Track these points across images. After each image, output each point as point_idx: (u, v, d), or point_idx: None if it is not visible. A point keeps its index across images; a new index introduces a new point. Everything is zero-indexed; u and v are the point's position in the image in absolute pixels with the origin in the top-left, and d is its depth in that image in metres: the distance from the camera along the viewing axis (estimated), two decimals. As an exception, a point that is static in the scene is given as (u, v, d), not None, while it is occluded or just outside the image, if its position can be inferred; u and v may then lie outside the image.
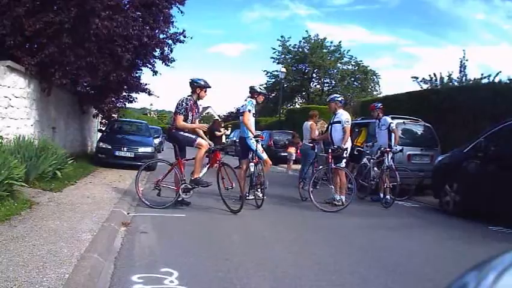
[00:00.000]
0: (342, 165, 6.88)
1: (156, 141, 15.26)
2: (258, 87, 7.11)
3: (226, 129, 16.20)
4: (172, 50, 10.83)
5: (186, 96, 6.02)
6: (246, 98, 6.98)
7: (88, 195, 6.06)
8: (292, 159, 13.39)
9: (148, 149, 11.19)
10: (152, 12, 9.80)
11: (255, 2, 76.36)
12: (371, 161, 7.76)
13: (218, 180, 5.92)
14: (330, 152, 6.78)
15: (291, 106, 32.51)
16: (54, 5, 8.05)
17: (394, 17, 63.30)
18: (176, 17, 10.54)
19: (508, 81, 11.61)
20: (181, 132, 5.89)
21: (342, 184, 6.81)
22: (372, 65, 48.40)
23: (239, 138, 7.42)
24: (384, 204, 7.18)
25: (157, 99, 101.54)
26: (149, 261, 3.39)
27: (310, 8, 68.60)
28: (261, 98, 7.04)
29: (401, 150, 7.74)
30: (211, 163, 6.03)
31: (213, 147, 6.11)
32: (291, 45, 31.88)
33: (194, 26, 75.82)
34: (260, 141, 6.84)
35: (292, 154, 13.33)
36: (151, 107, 54.11)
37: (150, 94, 12.37)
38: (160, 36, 10.37)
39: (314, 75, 32.89)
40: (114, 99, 12.61)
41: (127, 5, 9.05)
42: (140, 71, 12.07)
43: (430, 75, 17.32)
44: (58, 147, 7.65)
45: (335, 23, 70.44)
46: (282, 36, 32.32)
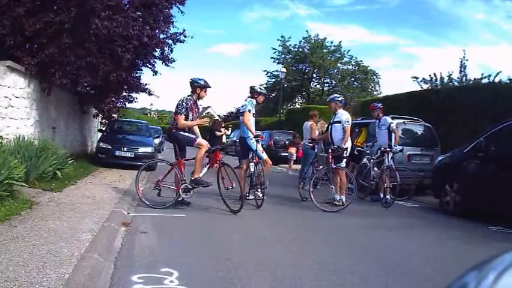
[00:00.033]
0: (343, 165, 6.89)
1: (156, 141, 15.26)
2: (258, 87, 7.11)
3: (227, 129, 16.22)
4: (172, 50, 10.85)
5: (186, 96, 6.03)
6: (246, 98, 6.98)
7: (88, 195, 6.06)
8: (293, 159, 13.41)
9: (148, 149, 11.19)
10: (152, 12, 9.80)
11: (255, 2, 76.47)
12: (371, 161, 7.76)
13: (218, 180, 5.92)
14: (330, 151, 6.79)
15: (291, 106, 32.49)
16: (54, 5, 8.05)
17: (394, 17, 63.39)
18: (177, 17, 10.58)
19: (508, 81, 11.63)
20: (181, 132, 5.90)
21: (342, 184, 6.81)
22: (372, 65, 48.40)
23: (239, 138, 7.42)
24: (384, 204, 7.18)
25: (157, 99, 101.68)
26: (150, 261, 3.39)
27: (310, 8, 68.71)
28: (261, 98, 7.04)
29: (401, 150, 7.74)
30: (211, 163, 6.03)
31: (213, 147, 6.12)
32: (291, 45, 31.91)
33: (194, 26, 76.08)
34: (260, 141, 6.85)
35: (293, 154, 13.35)
36: (151, 107, 54.18)
37: (150, 94, 12.38)
38: (160, 36, 10.38)
39: (314, 75, 32.87)
40: (114, 99, 12.61)
41: (127, 5, 9.04)
42: (141, 71, 12.09)
43: (430, 75, 17.36)
44: (58, 147, 7.65)
45: (335, 23, 70.56)
46: (282, 36, 32.36)
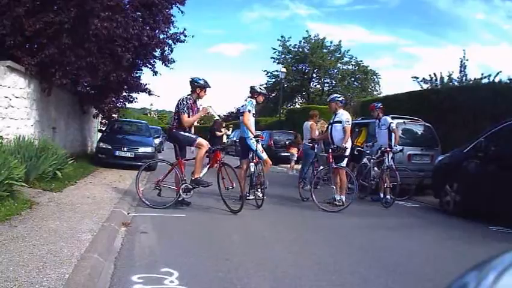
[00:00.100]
0: (343, 165, 6.89)
1: (156, 141, 15.26)
2: (258, 87, 7.10)
3: (228, 130, 16.23)
4: (173, 50, 10.86)
5: (186, 96, 6.03)
6: (246, 98, 6.98)
7: (88, 195, 6.06)
8: (294, 159, 13.44)
9: (148, 149, 11.19)
10: (152, 12, 9.81)
11: (255, 2, 76.38)
12: (371, 161, 7.76)
13: (218, 180, 5.92)
14: (330, 151, 6.79)
15: (291, 106, 32.50)
16: (54, 5, 8.05)
17: (394, 17, 63.27)
18: (177, 17, 10.58)
19: (508, 81, 11.63)
20: (181, 132, 5.89)
21: (342, 184, 6.81)
22: (372, 65, 48.23)
23: (239, 138, 7.42)
24: (384, 204, 7.18)
25: (157, 99, 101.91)
26: (150, 261, 3.39)
27: (310, 8, 68.61)
28: (261, 98, 7.04)
29: (401, 150, 7.74)
30: (211, 163, 6.03)
31: (213, 147, 6.12)
32: (291, 45, 31.91)
33: (194, 26, 75.97)
34: (260, 141, 6.85)
35: (294, 154, 13.39)
36: (151, 107, 54.26)
37: (150, 94, 12.37)
38: (160, 36, 10.38)
39: (314, 75, 32.87)
40: (114, 99, 12.60)
41: (127, 5, 9.04)
42: (141, 71, 12.10)
43: (430, 75, 17.38)
44: (58, 147, 7.65)
45: (335, 23, 70.42)
46: (282, 36, 32.35)
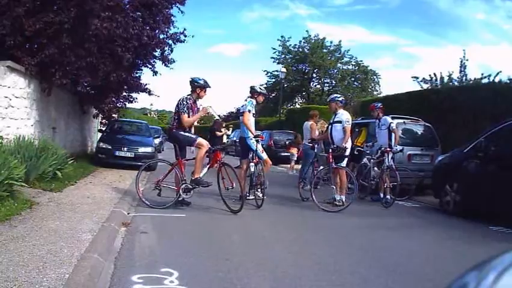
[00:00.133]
0: (343, 165, 6.89)
1: (156, 141, 15.26)
2: (258, 87, 7.10)
3: (228, 130, 16.24)
4: (173, 50, 10.86)
5: (186, 96, 6.03)
6: (246, 98, 6.98)
7: (88, 195, 6.06)
8: (294, 159, 13.45)
9: (148, 149, 11.19)
10: (152, 12, 9.80)
11: (255, 2, 76.35)
12: (371, 161, 7.76)
13: (218, 180, 5.92)
14: (330, 151, 6.79)
15: (291, 106, 32.49)
16: (54, 5, 8.05)
17: (394, 17, 63.21)
18: (177, 17, 10.58)
19: (508, 81, 11.62)
20: (181, 132, 5.89)
21: (342, 184, 6.81)
22: (372, 65, 48.21)
23: (239, 138, 7.42)
24: (384, 204, 7.18)
25: (157, 99, 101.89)
26: (149, 261, 3.39)
27: (310, 8, 68.58)
28: (261, 98, 7.04)
29: (401, 150, 7.74)
30: (211, 163, 6.03)
31: (214, 147, 6.12)
32: (291, 45, 31.91)
33: (194, 26, 75.93)
34: (260, 141, 6.85)
35: (294, 154, 13.40)
36: (151, 107, 54.25)
37: (150, 94, 12.38)
38: (160, 36, 10.38)
39: (314, 75, 32.87)
40: (114, 99, 12.61)
41: (127, 5, 9.04)
42: (141, 71, 12.10)
43: (430, 75, 17.39)
44: (58, 147, 7.65)
45: (335, 23, 70.38)
46: (282, 36, 32.35)
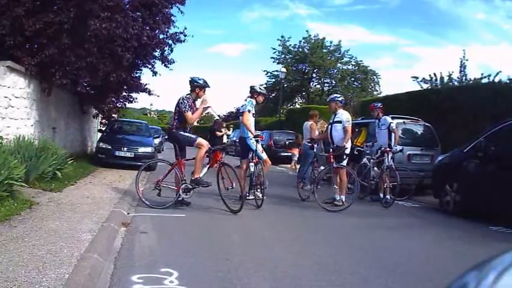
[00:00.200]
0: (344, 164, 6.89)
1: (156, 141, 15.26)
2: (258, 87, 7.10)
3: (228, 130, 16.24)
4: (172, 50, 10.85)
5: (185, 95, 6.03)
6: (245, 98, 6.98)
7: (87, 195, 6.06)
8: (295, 160, 13.48)
9: (148, 149, 11.18)
10: (152, 12, 9.80)
11: (255, 2, 76.40)
12: (371, 160, 7.75)
13: (218, 180, 5.92)
14: (331, 151, 6.78)
15: (291, 106, 32.47)
16: (54, 5, 8.05)
17: (394, 17, 63.25)
18: (177, 17, 10.57)
19: (508, 81, 11.60)
20: (181, 132, 5.90)
21: (342, 183, 6.81)
22: (372, 65, 48.26)
23: (239, 138, 7.42)
24: (384, 204, 7.18)
25: (157, 99, 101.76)
26: (149, 261, 3.39)
27: (310, 8, 68.66)
28: (260, 98, 7.03)
29: (401, 150, 7.74)
30: (211, 163, 6.03)
31: (213, 147, 6.12)
32: (291, 45, 31.89)
33: (194, 26, 75.76)
34: (260, 141, 6.85)
35: (295, 155, 13.43)
36: (151, 107, 54.21)
37: (150, 94, 12.38)
38: (160, 36, 10.37)
39: (314, 75, 32.86)
40: (114, 99, 12.61)
41: (127, 5, 9.04)
42: (140, 71, 12.09)
43: (430, 75, 17.36)
44: (58, 147, 7.65)
45: (335, 23, 70.45)
46: (282, 36, 32.29)
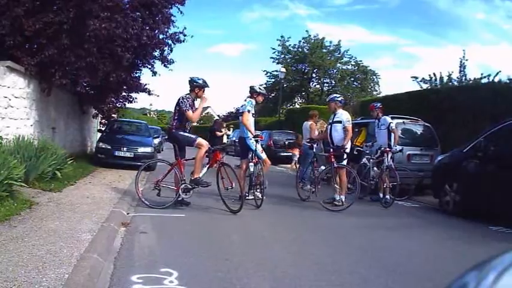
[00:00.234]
0: (344, 164, 6.90)
1: (156, 141, 15.25)
2: (258, 87, 7.10)
3: (228, 130, 16.24)
4: (172, 50, 10.84)
5: (185, 95, 6.02)
6: (245, 98, 6.98)
7: (87, 195, 6.05)
8: (295, 160, 13.49)
9: (148, 149, 11.18)
10: (152, 12, 9.79)
11: (255, 2, 76.47)
12: (371, 160, 7.76)
13: (218, 180, 5.92)
14: (331, 151, 6.78)
15: (291, 106, 32.47)
16: (53, 5, 8.05)
17: (394, 17, 63.35)
18: (177, 17, 10.54)
19: (507, 81, 11.59)
20: (181, 132, 5.90)
21: (342, 183, 6.81)
22: (372, 65, 48.43)
23: (238, 138, 7.42)
24: (383, 204, 7.18)
25: (156, 99, 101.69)
26: (149, 261, 3.39)
27: (310, 8, 68.77)
28: (260, 98, 7.03)
29: (400, 150, 7.74)
30: (211, 163, 6.03)
31: (213, 147, 6.12)
32: (290, 45, 31.90)
33: (194, 26, 75.99)
34: (259, 141, 6.85)
35: (295, 155, 13.45)
36: (150, 107, 54.14)
37: (150, 94, 12.36)
38: (160, 36, 10.36)
39: (314, 75, 32.87)
40: (114, 100, 12.61)
41: (127, 5, 9.03)
42: (140, 71, 12.08)
43: (430, 75, 17.33)
44: (58, 147, 7.64)
45: (335, 23, 70.54)
46: (281, 36, 32.33)
